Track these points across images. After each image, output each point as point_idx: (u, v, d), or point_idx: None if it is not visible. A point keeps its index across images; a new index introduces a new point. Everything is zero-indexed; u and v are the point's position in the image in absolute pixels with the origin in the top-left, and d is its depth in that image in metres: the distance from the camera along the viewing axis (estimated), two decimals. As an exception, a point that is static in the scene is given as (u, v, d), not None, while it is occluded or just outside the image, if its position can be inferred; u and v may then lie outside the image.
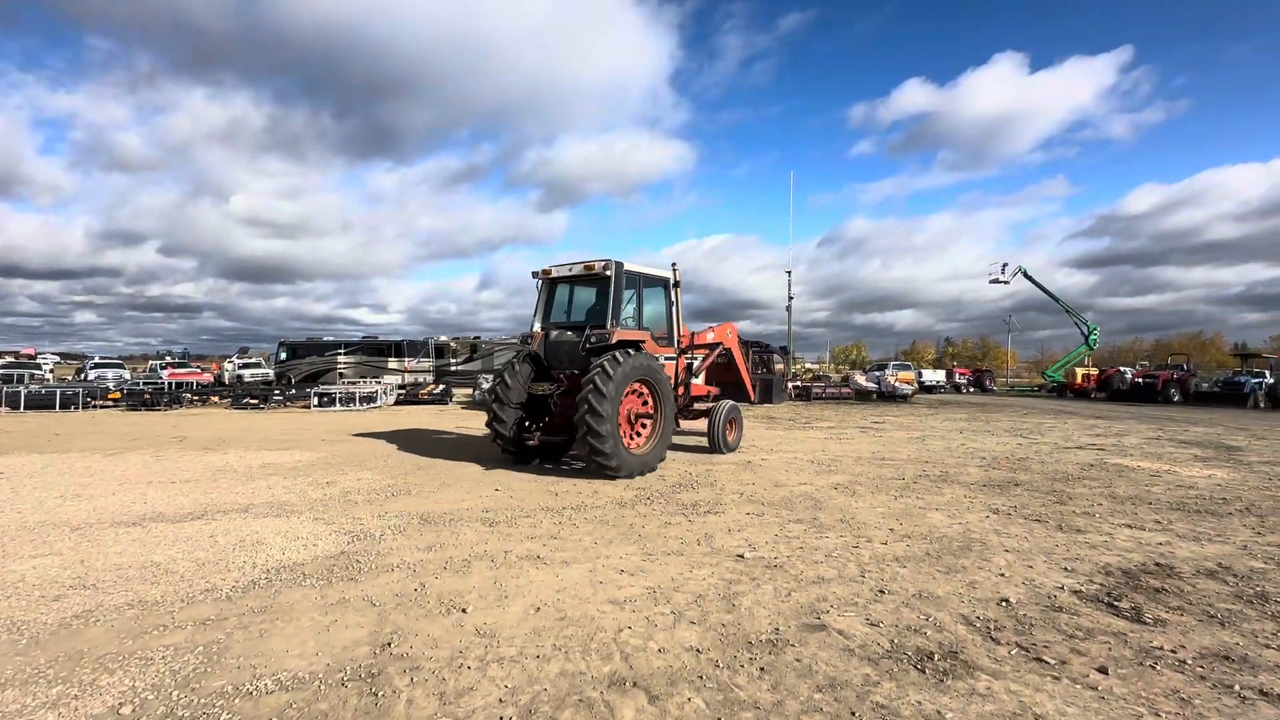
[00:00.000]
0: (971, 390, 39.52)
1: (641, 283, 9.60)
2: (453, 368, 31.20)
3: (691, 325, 10.83)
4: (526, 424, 9.49)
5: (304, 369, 28.19)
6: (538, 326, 9.64)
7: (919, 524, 6.03)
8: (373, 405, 21.40)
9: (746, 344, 12.88)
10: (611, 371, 8.13)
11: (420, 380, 27.93)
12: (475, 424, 15.72)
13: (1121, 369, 35.05)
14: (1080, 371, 34.76)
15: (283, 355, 28.93)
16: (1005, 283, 35.50)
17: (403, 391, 24.60)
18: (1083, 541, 5.53)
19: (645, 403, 8.98)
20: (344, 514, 6.27)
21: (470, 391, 23.53)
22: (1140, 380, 29.83)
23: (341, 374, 27.58)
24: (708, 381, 11.36)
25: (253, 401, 21.21)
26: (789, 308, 35.13)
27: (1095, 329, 36.64)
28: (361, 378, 26.47)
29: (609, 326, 8.77)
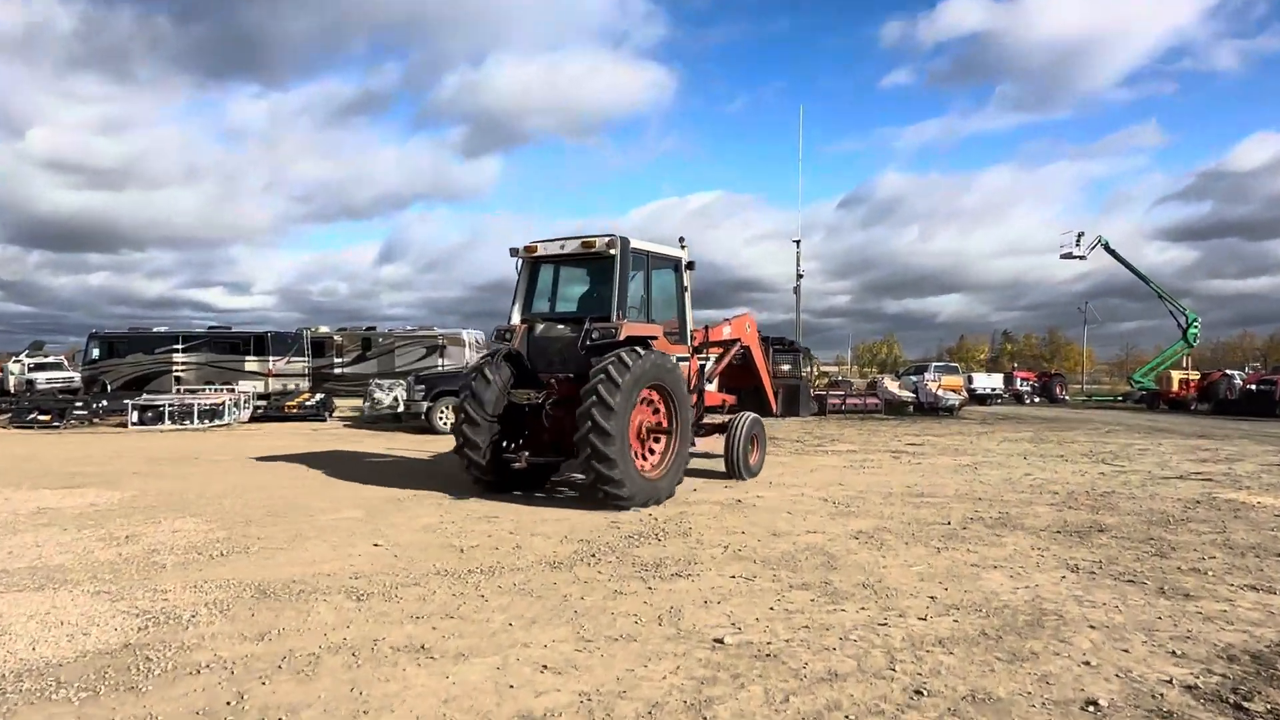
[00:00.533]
0: (1037, 400, 40.25)
1: (649, 264, 9.92)
2: (336, 370, 30.49)
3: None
4: (505, 443, 9.67)
5: (124, 372, 27.20)
6: (518, 318, 9.90)
7: (971, 589, 5.80)
8: (218, 422, 20.68)
9: (767, 341, 13.15)
10: (620, 377, 8.39)
11: (290, 387, 27.19)
12: (364, 444, 15.19)
13: (1229, 372, 36.08)
14: (1177, 376, 35.64)
15: (94, 353, 27.89)
16: (1081, 258, 36.25)
17: (264, 403, 23.85)
18: (1194, 612, 5.36)
19: (658, 414, 9.36)
20: (142, 584, 5.77)
21: (362, 403, 22.93)
22: (1253, 387, 30.67)
23: (179, 379, 26.68)
24: (722, 388, 11.66)
25: (43, 418, 20.31)
26: (797, 289, 35.23)
27: (1196, 320, 37.61)
28: (206, 384, 25.63)
29: (614, 319, 9.02)
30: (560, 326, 9.67)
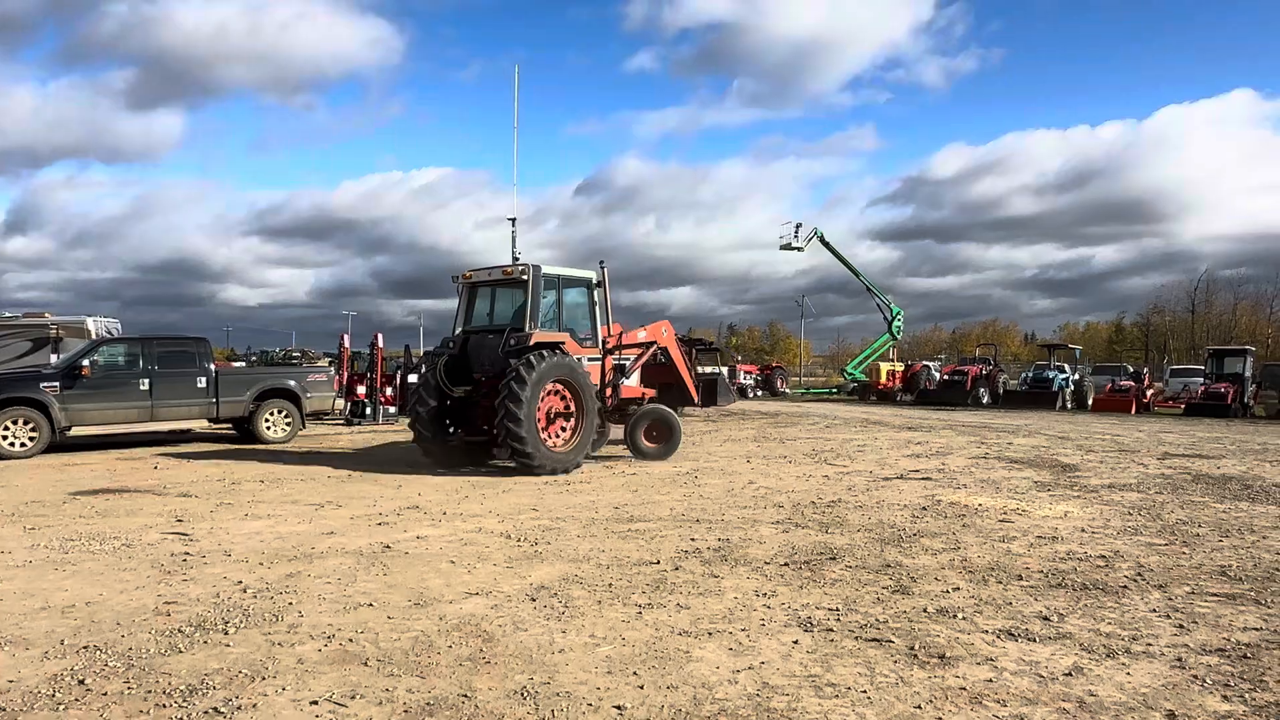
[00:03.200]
0: (759, 393, 41.99)
1: (561, 284, 12.95)
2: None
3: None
4: (450, 426, 12.93)
5: None
6: (459, 330, 13.17)
7: (676, 682, 4.20)
8: None
9: (688, 342, 15.98)
10: (527, 374, 11.31)
11: None
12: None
13: (928, 364, 39.87)
14: (885, 368, 38.78)
15: None
16: (799, 249, 38.25)
17: None
18: (955, 684, 4.17)
19: (565, 401, 12.18)
20: None
21: None
22: (948, 377, 33.91)
23: None
24: (646, 384, 14.40)
25: None
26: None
27: (899, 314, 41.32)
28: None
29: (527, 329, 12.04)
30: (490, 336, 12.59)
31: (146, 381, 15.09)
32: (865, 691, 4.11)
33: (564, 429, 12.19)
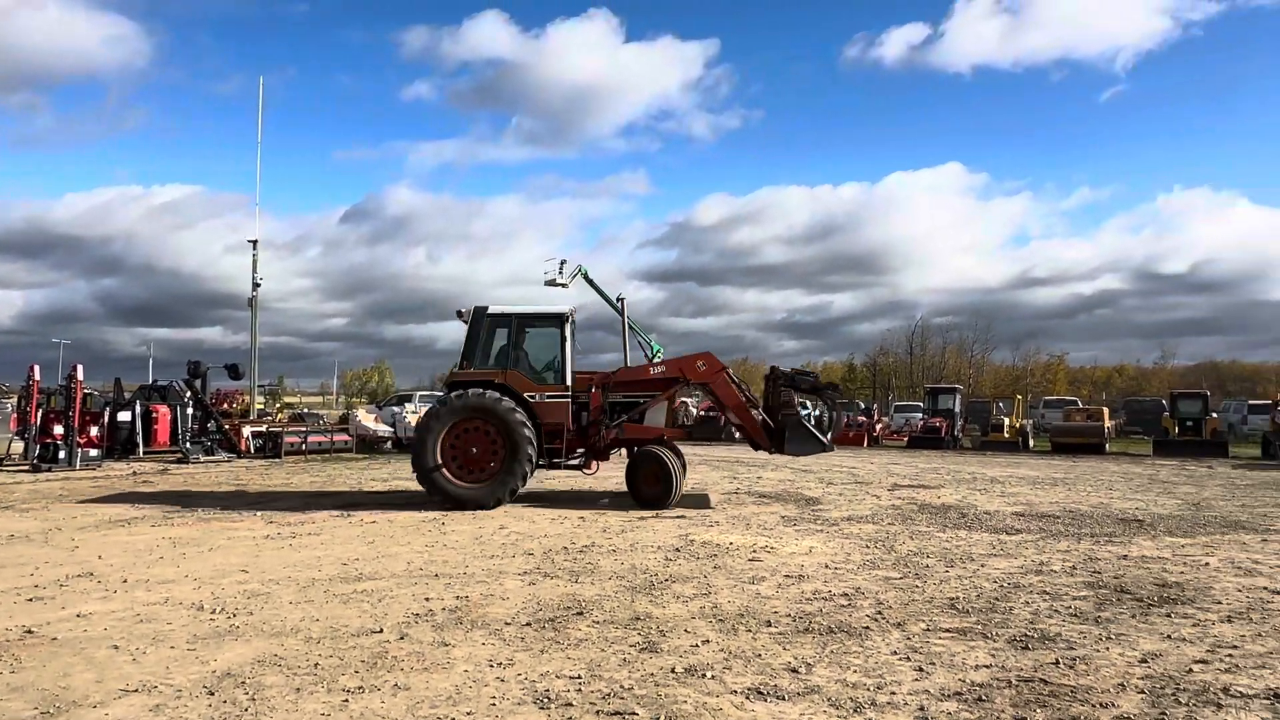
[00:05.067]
0: (524, 430, 41.37)
1: (516, 324, 13.23)
2: None
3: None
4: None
5: None
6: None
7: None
8: None
9: (787, 374, 13.44)
10: (432, 411, 12.75)
11: None
12: None
13: (685, 400, 41.00)
14: (645, 404, 39.35)
15: None
16: (564, 285, 38.07)
17: None
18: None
19: (491, 440, 12.26)
20: None
21: None
22: (704, 413, 35.05)
23: None
24: (673, 422, 13.58)
25: None
26: (252, 300, 30.68)
27: (660, 351, 42.31)
28: None
29: (459, 367, 13.14)
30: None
31: None
32: (603, 784, 3.54)
33: (490, 465, 12.19)
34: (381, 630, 5.82)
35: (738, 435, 13.55)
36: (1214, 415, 31.83)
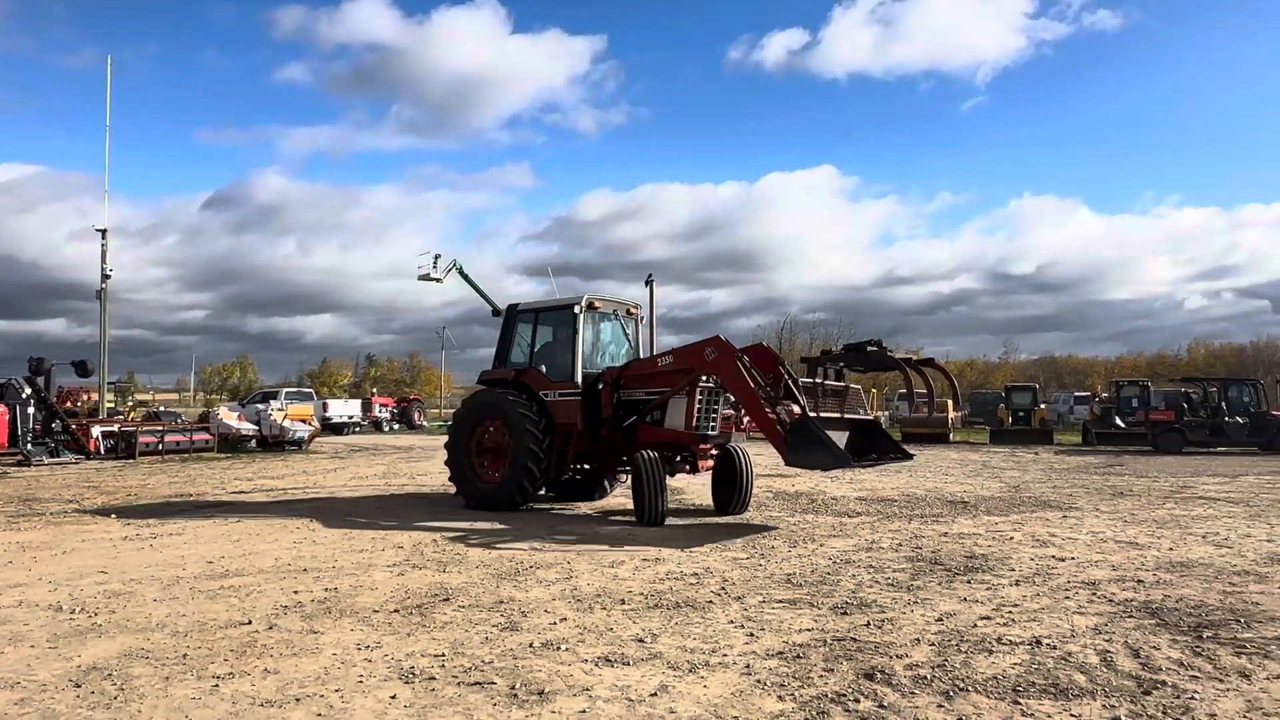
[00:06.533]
0: (397, 427, 40.69)
1: (538, 318, 12.87)
2: None
3: None
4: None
5: None
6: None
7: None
8: None
9: (823, 359, 11.31)
10: (456, 413, 13.42)
11: None
12: None
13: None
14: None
15: None
16: (438, 280, 37.76)
17: None
18: (551, 719, 4.19)
19: (500, 439, 12.13)
20: None
21: None
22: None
23: None
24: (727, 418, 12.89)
25: None
26: (100, 293, 29.24)
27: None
28: None
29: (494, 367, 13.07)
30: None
31: None
32: (460, 742, 3.97)
33: (504, 463, 11.98)
34: (250, 622, 6.02)
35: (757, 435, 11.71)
36: (1043, 406, 34.96)
